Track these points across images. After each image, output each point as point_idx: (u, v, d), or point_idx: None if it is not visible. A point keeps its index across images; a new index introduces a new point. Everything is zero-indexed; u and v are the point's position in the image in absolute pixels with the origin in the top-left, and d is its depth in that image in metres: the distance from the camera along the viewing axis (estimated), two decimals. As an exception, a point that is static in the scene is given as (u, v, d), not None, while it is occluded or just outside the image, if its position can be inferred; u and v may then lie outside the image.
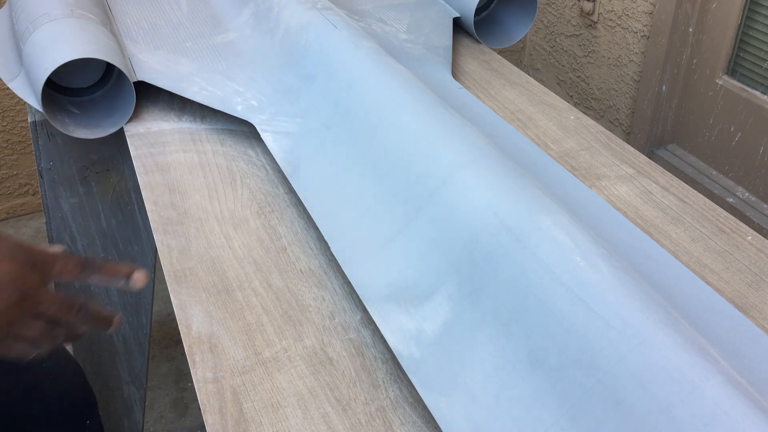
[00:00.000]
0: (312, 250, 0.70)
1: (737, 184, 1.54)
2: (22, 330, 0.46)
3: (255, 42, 0.97)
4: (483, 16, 1.12)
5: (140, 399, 1.06)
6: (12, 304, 0.45)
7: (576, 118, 0.88)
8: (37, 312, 0.47)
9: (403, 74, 0.77)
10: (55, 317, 0.48)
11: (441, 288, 0.58)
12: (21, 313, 0.46)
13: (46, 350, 0.50)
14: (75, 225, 1.19)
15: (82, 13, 0.90)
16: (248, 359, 0.58)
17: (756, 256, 0.67)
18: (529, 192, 0.59)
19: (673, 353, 0.46)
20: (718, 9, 1.47)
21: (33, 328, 0.47)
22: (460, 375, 0.53)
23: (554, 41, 1.98)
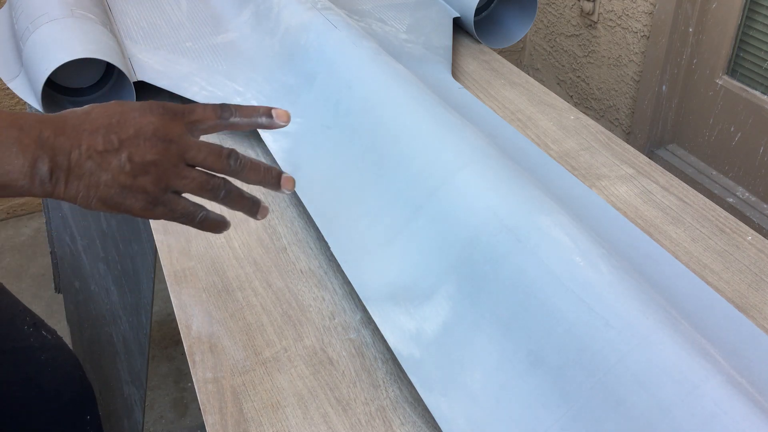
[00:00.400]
0: (312, 250, 0.70)
1: (737, 184, 1.54)
2: (179, 181, 0.45)
3: (255, 42, 0.97)
4: (483, 16, 1.12)
5: (140, 399, 1.06)
6: (161, 151, 0.44)
7: (576, 118, 0.88)
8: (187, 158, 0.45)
9: (403, 74, 0.77)
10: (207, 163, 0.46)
11: (441, 288, 0.58)
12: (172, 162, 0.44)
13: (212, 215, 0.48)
14: (75, 225, 1.19)
15: (82, 13, 0.90)
16: (248, 359, 0.58)
17: (756, 256, 0.67)
18: (529, 192, 0.59)
19: (673, 353, 0.46)
20: (718, 9, 1.47)
21: (188, 177, 0.45)
22: (460, 375, 0.53)
23: (554, 41, 1.98)
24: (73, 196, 0.44)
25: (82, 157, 0.43)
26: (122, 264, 1.07)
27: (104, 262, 1.12)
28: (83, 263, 1.19)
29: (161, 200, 0.45)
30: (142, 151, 0.44)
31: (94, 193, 0.44)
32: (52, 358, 0.86)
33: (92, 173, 0.43)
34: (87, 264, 1.17)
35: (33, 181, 0.42)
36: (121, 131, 0.44)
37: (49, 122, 0.43)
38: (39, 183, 0.43)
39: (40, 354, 0.85)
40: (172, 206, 0.46)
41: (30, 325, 0.85)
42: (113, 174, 0.43)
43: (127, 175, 0.44)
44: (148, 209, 0.45)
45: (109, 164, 0.43)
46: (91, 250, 1.15)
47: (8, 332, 0.83)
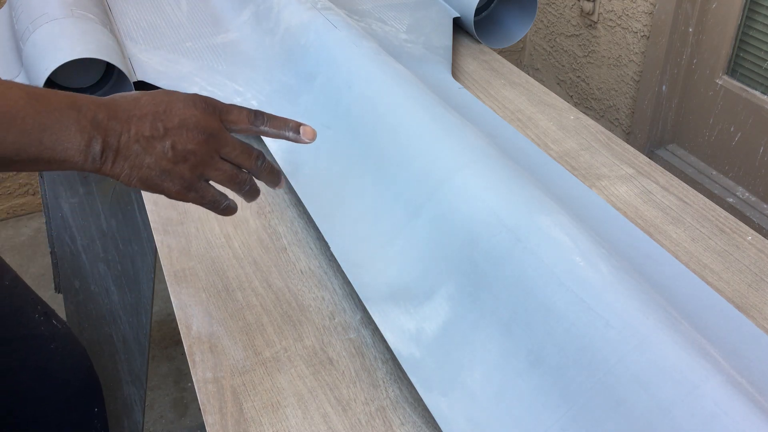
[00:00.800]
0: (312, 250, 0.70)
1: (737, 184, 1.54)
2: (212, 171, 0.50)
3: (255, 42, 0.97)
4: (483, 16, 1.12)
5: (140, 399, 1.06)
6: (201, 143, 0.49)
7: (576, 118, 0.88)
8: (222, 152, 0.50)
9: (403, 74, 0.77)
10: (238, 160, 0.51)
11: (441, 288, 0.58)
12: (209, 153, 0.50)
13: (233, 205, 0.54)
14: (75, 225, 1.19)
15: (82, 13, 0.90)
16: (248, 359, 0.58)
17: (756, 256, 0.67)
18: (529, 192, 0.59)
19: (673, 353, 0.46)
20: (718, 9, 1.47)
21: (221, 169, 0.51)
22: (460, 375, 0.53)
23: (554, 41, 1.98)
24: (117, 174, 0.48)
25: (130, 141, 0.48)
26: (122, 264, 1.07)
27: (104, 262, 1.12)
28: (83, 263, 1.19)
29: (195, 186, 0.50)
30: (184, 141, 0.48)
31: (137, 174, 0.48)
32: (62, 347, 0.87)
33: (138, 155, 0.48)
34: (87, 264, 1.17)
35: (86, 159, 0.47)
36: (167, 120, 0.48)
37: (103, 105, 0.48)
38: (91, 160, 0.47)
39: (50, 342, 0.85)
40: (203, 193, 0.51)
41: (41, 314, 0.86)
42: (156, 158, 0.48)
43: (168, 160, 0.48)
44: (182, 193, 0.50)
45: (154, 149, 0.48)
46: (91, 250, 1.15)
47: (20, 319, 0.84)
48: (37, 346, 0.84)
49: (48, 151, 0.45)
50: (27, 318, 0.85)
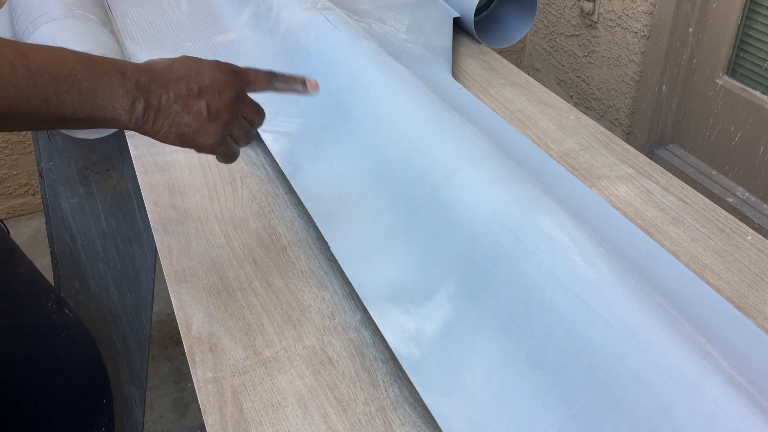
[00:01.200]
0: (312, 250, 0.70)
1: (737, 184, 1.54)
2: (236, 128, 0.57)
3: (255, 42, 0.97)
4: (483, 16, 1.12)
5: (140, 399, 1.06)
6: (230, 102, 0.56)
7: (576, 118, 0.88)
8: (243, 113, 0.58)
9: (403, 74, 0.77)
10: (252, 118, 0.59)
11: (441, 288, 0.58)
12: (235, 112, 0.56)
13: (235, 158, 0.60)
14: (75, 225, 1.19)
15: (82, 13, 0.90)
16: (248, 359, 0.58)
17: (756, 256, 0.67)
18: (529, 192, 0.59)
19: (673, 353, 0.46)
20: (718, 9, 1.46)
21: (242, 126, 0.58)
22: (460, 375, 0.53)
23: (554, 41, 1.98)
24: (157, 131, 0.54)
25: (170, 101, 0.53)
26: (122, 264, 1.07)
27: (104, 262, 1.12)
28: (83, 263, 1.18)
29: (224, 141, 0.57)
30: (216, 100, 0.55)
31: (175, 130, 0.54)
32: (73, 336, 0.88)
33: (177, 114, 0.54)
34: (87, 264, 1.17)
35: (131, 117, 0.52)
36: (200, 81, 0.55)
37: (143, 70, 0.53)
38: (134, 120, 0.52)
39: (61, 331, 0.87)
40: (229, 146, 0.58)
41: (54, 302, 0.87)
42: (193, 116, 0.54)
43: (204, 118, 0.54)
44: (214, 146, 0.56)
45: (191, 108, 0.54)
46: (91, 250, 1.15)
47: (34, 307, 0.86)
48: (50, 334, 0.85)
49: (100, 111, 0.51)
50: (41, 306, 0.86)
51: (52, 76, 0.49)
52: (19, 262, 0.86)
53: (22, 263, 0.86)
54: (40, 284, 0.88)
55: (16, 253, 0.87)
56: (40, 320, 0.85)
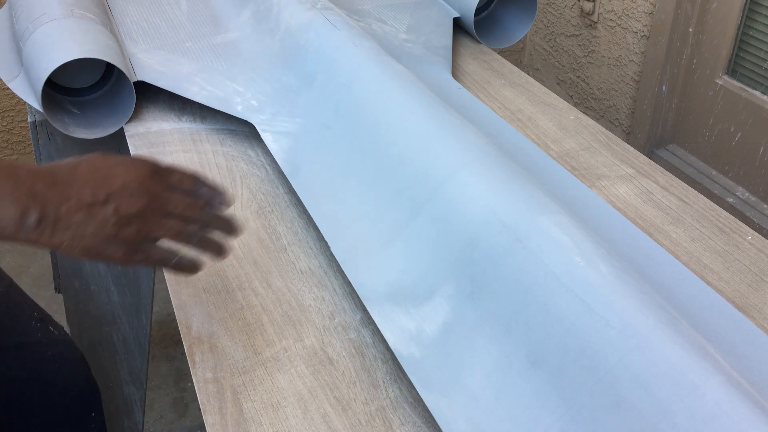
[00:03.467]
0: (312, 250, 0.70)
1: (737, 184, 1.54)
2: (157, 230, 0.50)
3: (255, 42, 0.97)
4: (483, 16, 1.12)
5: (140, 399, 1.06)
6: (144, 205, 0.48)
7: (576, 118, 0.88)
8: (167, 212, 0.50)
9: (403, 74, 0.77)
10: (184, 215, 0.51)
11: (441, 288, 0.58)
12: (152, 214, 0.49)
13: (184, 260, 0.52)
14: (75, 225, 1.18)
15: (82, 13, 0.90)
16: (248, 359, 0.58)
17: (756, 256, 0.67)
18: (529, 192, 0.59)
19: (673, 353, 0.46)
20: (718, 9, 1.46)
21: (167, 227, 0.50)
22: (460, 375, 0.53)
23: (554, 41, 1.98)
24: (58, 245, 0.47)
25: (71, 209, 0.46)
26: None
27: (104, 262, 1.12)
28: (83, 263, 1.18)
29: (140, 248, 0.49)
30: (127, 204, 0.48)
31: (79, 243, 0.47)
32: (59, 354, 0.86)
33: (79, 225, 0.47)
34: (87, 264, 1.17)
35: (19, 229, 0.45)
36: (108, 185, 0.48)
37: (41, 174, 0.46)
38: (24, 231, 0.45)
39: (47, 349, 0.85)
40: (149, 253, 0.50)
41: (37, 320, 0.86)
42: (99, 226, 0.47)
43: (112, 226, 0.47)
44: (128, 256, 0.49)
45: (96, 216, 0.47)
46: (91, 250, 1.15)
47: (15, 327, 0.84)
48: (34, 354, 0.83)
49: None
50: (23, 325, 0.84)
51: None
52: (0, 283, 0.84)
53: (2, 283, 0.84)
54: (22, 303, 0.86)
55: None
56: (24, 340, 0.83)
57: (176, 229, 0.51)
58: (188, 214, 0.51)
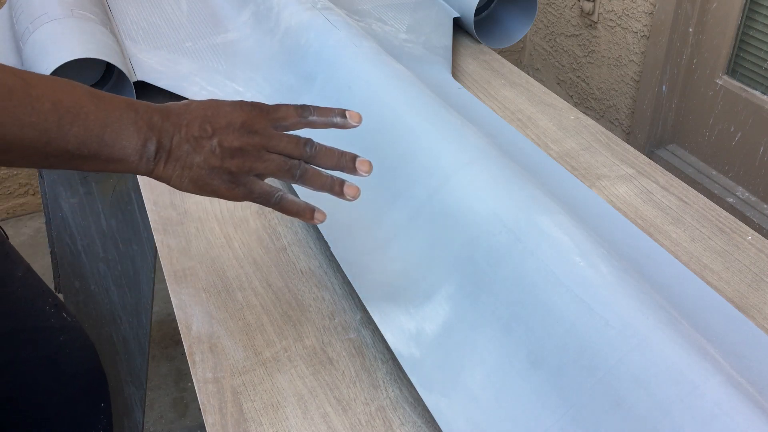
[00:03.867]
0: (312, 250, 0.70)
1: (737, 184, 1.54)
2: (258, 164, 0.51)
3: (255, 42, 0.97)
4: (483, 16, 1.12)
5: (140, 399, 1.06)
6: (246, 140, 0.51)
7: (576, 118, 0.88)
8: (269, 146, 0.52)
9: (403, 74, 0.77)
10: (287, 150, 0.52)
11: (441, 288, 0.58)
12: (255, 149, 0.51)
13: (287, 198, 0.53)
14: (75, 225, 1.19)
15: (82, 13, 0.90)
16: (248, 359, 0.58)
17: (756, 256, 0.67)
18: (529, 192, 0.59)
19: (673, 353, 0.46)
20: (718, 9, 1.47)
21: (268, 160, 0.52)
22: (460, 375, 0.53)
23: (554, 41, 1.98)
24: (169, 175, 0.51)
25: (181, 141, 0.50)
26: (122, 264, 1.07)
27: (104, 262, 1.12)
28: (83, 263, 1.18)
29: (242, 181, 0.51)
30: (230, 139, 0.51)
31: (188, 174, 0.50)
32: (71, 340, 0.88)
33: (188, 155, 0.50)
34: (87, 264, 1.17)
35: (141, 158, 0.49)
36: (215, 122, 0.51)
37: (157, 109, 0.50)
38: (145, 161, 0.49)
39: (59, 335, 0.86)
40: (251, 187, 0.52)
41: (52, 306, 0.87)
42: (205, 156, 0.50)
43: (216, 157, 0.50)
44: (231, 189, 0.51)
45: (203, 148, 0.50)
46: (91, 250, 1.15)
47: (31, 311, 0.85)
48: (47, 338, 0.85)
49: (107, 149, 0.47)
50: (38, 310, 0.86)
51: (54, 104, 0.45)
52: (17, 266, 0.86)
53: (19, 267, 0.86)
54: (37, 288, 0.88)
55: (13, 257, 0.86)
56: (38, 324, 0.85)
57: (277, 162, 0.52)
58: (289, 150, 0.52)
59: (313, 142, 0.54)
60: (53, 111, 0.45)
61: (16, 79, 0.45)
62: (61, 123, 0.45)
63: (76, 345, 0.89)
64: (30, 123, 0.44)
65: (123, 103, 0.49)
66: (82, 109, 0.46)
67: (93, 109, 0.47)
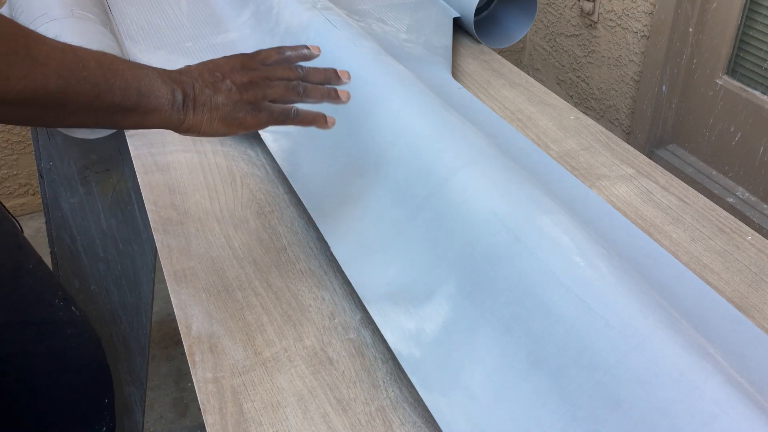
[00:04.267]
0: (312, 250, 0.70)
1: (737, 184, 1.54)
2: (269, 91, 0.59)
3: (255, 42, 0.97)
4: (483, 16, 1.12)
5: (140, 399, 1.06)
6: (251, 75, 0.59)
7: (576, 118, 0.88)
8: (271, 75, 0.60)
9: (403, 74, 0.77)
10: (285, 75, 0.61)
11: (441, 288, 0.58)
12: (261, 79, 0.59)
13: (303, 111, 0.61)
14: (75, 225, 1.19)
15: (82, 13, 0.90)
16: (248, 359, 0.58)
17: (756, 256, 0.67)
18: (529, 192, 0.59)
19: (673, 353, 0.46)
20: (718, 9, 1.46)
21: (276, 86, 0.60)
22: (460, 375, 0.53)
23: (554, 41, 1.98)
24: (200, 121, 0.57)
25: (201, 87, 0.57)
26: (122, 264, 1.07)
27: (104, 262, 1.12)
28: (83, 263, 1.18)
29: (262, 107, 0.59)
30: (239, 77, 0.59)
31: (216, 114, 0.57)
32: (78, 334, 0.89)
33: (210, 98, 0.57)
34: (87, 264, 1.17)
35: (173, 106, 0.55)
36: (220, 69, 0.59)
37: (170, 70, 0.57)
38: (176, 109, 0.55)
39: (67, 328, 0.87)
40: (271, 110, 0.59)
41: (61, 299, 0.88)
42: (225, 95, 0.57)
43: (234, 93, 0.58)
44: (255, 116, 0.58)
45: (220, 89, 0.57)
46: (91, 250, 1.15)
47: (40, 304, 0.86)
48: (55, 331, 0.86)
49: (145, 98, 0.54)
50: (47, 303, 0.87)
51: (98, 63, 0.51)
52: (29, 259, 0.87)
53: (31, 259, 0.87)
54: (48, 281, 0.89)
55: (26, 249, 0.87)
56: (47, 316, 0.86)
57: (283, 86, 0.60)
58: (287, 75, 0.61)
59: (302, 65, 0.62)
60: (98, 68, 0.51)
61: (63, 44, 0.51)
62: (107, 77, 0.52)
63: (83, 339, 0.89)
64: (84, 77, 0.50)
65: (145, 65, 0.56)
66: (119, 66, 0.53)
67: (126, 67, 0.54)
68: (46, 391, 0.86)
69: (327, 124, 0.63)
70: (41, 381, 0.85)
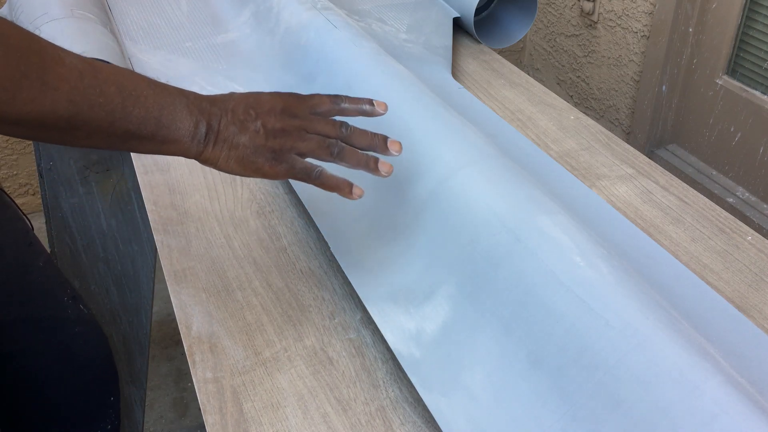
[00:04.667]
0: (312, 250, 0.70)
1: (737, 184, 1.54)
2: (300, 143, 0.55)
3: (255, 42, 0.97)
4: (483, 16, 1.12)
5: (140, 399, 1.06)
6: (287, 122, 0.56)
7: (576, 118, 0.88)
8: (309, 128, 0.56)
9: (403, 74, 0.77)
10: (324, 131, 0.57)
11: (441, 288, 0.58)
12: (296, 130, 0.56)
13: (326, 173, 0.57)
14: (75, 225, 1.19)
15: (82, 13, 0.90)
16: (248, 359, 0.58)
17: (756, 256, 0.67)
18: (529, 192, 0.59)
19: (673, 353, 0.46)
20: (718, 9, 1.46)
21: (308, 140, 0.56)
22: (460, 375, 0.53)
23: (554, 41, 1.98)
24: (217, 157, 0.54)
25: (228, 123, 0.54)
26: (122, 264, 1.07)
27: (104, 261, 1.12)
28: (83, 263, 1.18)
29: (284, 159, 0.55)
30: (273, 121, 0.55)
31: (234, 153, 0.54)
32: (85, 332, 0.89)
33: (234, 136, 0.54)
34: (87, 264, 1.17)
35: (193, 139, 0.53)
36: (257, 107, 0.56)
37: (205, 97, 0.55)
38: (196, 142, 0.53)
39: (74, 326, 0.88)
40: (293, 163, 0.56)
41: (70, 297, 0.89)
42: (250, 136, 0.54)
43: (260, 137, 0.55)
44: (275, 166, 0.55)
45: (247, 129, 0.55)
46: (91, 249, 1.15)
47: (49, 301, 0.87)
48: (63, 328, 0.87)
49: (164, 129, 0.52)
50: (56, 300, 0.88)
51: (119, 88, 0.49)
52: (39, 256, 0.88)
53: (41, 257, 0.88)
54: (56, 278, 0.89)
55: (36, 247, 0.88)
56: (55, 314, 0.86)
57: (316, 140, 0.56)
58: (326, 131, 0.57)
59: (348, 124, 0.58)
60: (118, 94, 0.49)
61: (85, 64, 0.48)
62: (125, 104, 0.49)
63: (91, 337, 0.90)
64: (99, 104, 0.48)
65: (175, 90, 0.53)
66: (142, 92, 0.51)
67: (151, 93, 0.51)
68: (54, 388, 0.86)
69: (352, 195, 0.57)
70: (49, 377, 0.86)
